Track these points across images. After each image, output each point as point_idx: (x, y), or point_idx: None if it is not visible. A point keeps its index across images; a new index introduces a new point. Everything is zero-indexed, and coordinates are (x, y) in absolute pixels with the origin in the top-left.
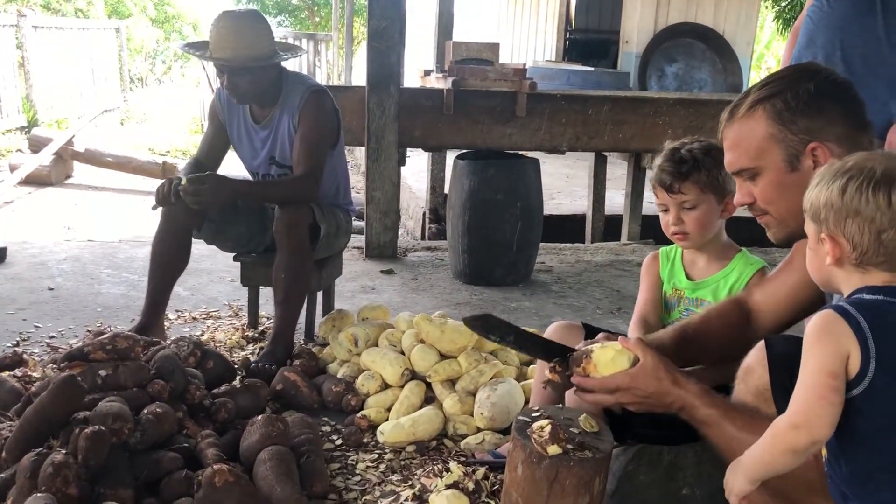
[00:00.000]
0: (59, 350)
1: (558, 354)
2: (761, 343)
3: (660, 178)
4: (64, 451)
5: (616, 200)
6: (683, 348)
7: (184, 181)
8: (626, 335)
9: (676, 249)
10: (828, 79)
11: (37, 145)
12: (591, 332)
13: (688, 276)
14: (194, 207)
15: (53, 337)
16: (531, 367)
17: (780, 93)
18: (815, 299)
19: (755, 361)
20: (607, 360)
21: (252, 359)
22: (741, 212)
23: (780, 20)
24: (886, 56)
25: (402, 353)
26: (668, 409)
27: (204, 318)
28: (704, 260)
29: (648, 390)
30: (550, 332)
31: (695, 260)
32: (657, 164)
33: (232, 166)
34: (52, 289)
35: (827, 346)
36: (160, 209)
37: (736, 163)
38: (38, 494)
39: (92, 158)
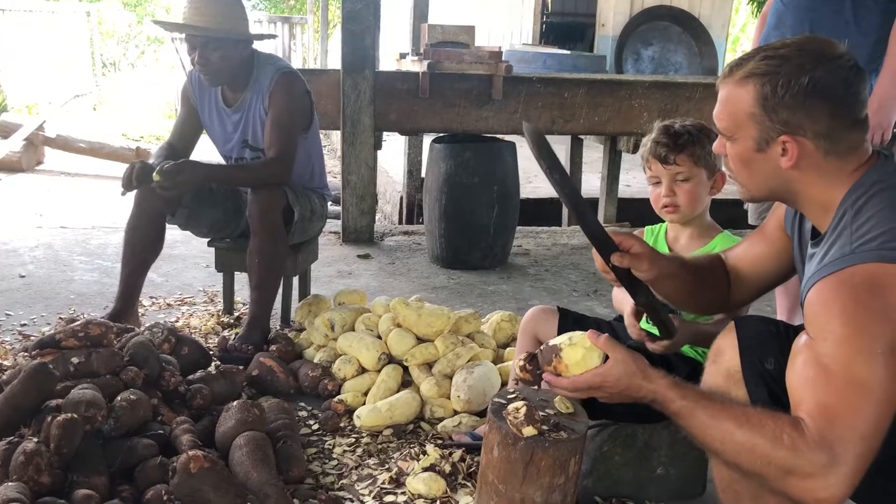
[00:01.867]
0: (31, 338)
1: (585, 219)
2: (731, 324)
3: (655, 151)
4: (36, 440)
5: (592, 183)
6: (690, 267)
7: (156, 177)
8: (596, 328)
9: (661, 227)
10: (831, 71)
11: (6, 131)
12: (565, 317)
13: (671, 252)
14: (167, 195)
15: (25, 325)
16: (508, 349)
17: (774, 75)
18: (782, 271)
19: (725, 343)
20: (577, 358)
21: (229, 341)
22: (723, 194)
23: (755, 3)
24: (855, 39)
25: (379, 337)
26: (641, 401)
27: (179, 305)
28: (687, 237)
29: (620, 387)
30: (528, 319)
31: (678, 237)
32: (650, 138)
33: (205, 150)
34: (23, 276)
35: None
36: (131, 194)
37: (719, 120)
38: (10, 483)
39: (64, 144)
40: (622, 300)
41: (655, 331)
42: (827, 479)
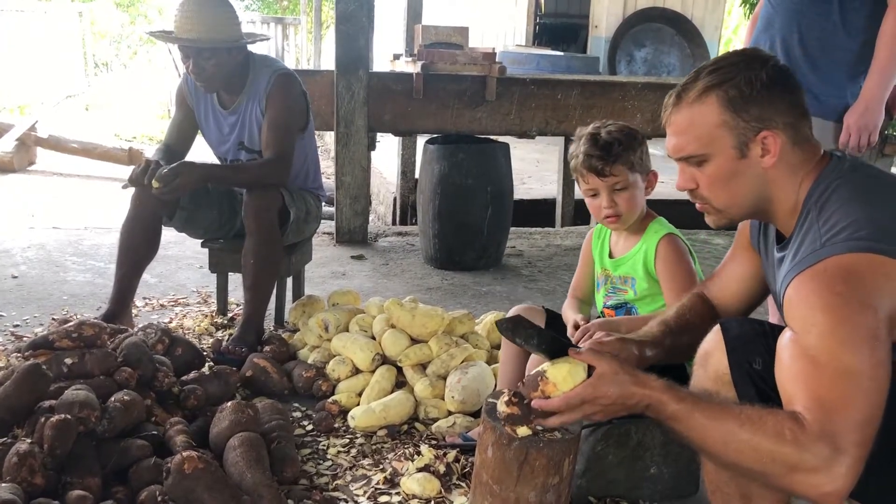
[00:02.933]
0: (24, 338)
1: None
2: (717, 327)
3: (589, 164)
4: (29, 441)
5: None
6: (675, 340)
7: (155, 184)
8: (576, 346)
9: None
10: (776, 66)
11: None
12: (552, 317)
13: (611, 254)
14: (166, 199)
15: (18, 325)
16: (498, 351)
17: (733, 79)
18: (764, 287)
19: (712, 346)
20: (564, 375)
21: (223, 343)
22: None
23: (747, 5)
24: (842, 41)
25: (373, 338)
26: (634, 409)
27: (172, 305)
28: (625, 236)
29: (613, 395)
30: (512, 314)
31: (618, 236)
32: (580, 151)
33: (201, 151)
34: (16, 277)
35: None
36: (123, 192)
37: (683, 149)
38: (3, 484)
39: (56, 145)
40: (568, 316)
41: None
42: (831, 472)
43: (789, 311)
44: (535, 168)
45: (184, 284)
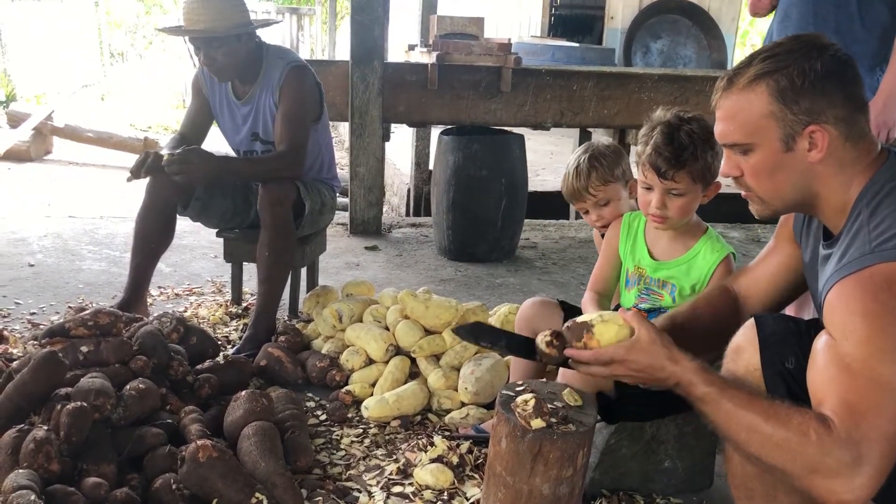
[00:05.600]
0: (41, 326)
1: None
2: (751, 321)
3: (654, 162)
4: (46, 428)
5: None
6: (674, 336)
7: (165, 156)
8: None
9: (640, 220)
10: (835, 56)
11: (15, 120)
12: (567, 310)
13: (651, 254)
14: (178, 180)
15: (34, 313)
16: None
17: (785, 68)
18: (800, 283)
19: (745, 341)
20: (610, 335)
21: (234, 335)
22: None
23: None
24: (859, 33)
25: (387, 328)
26: (664, 383)
27: (187, 295)
28: (668, 237)
29: (643, 364)
30: (525, 309)
31: (657, 239)
32: (654, 141)
33: (216, 141)
34: (32, 265)
35: None
36: (137, 182)
37: (729, 136)
38: (20, 471)
39: (72, 134)
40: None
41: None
42: (851, 480)
43: (829, 314)
44: (549, 160)
45: (198, 274)
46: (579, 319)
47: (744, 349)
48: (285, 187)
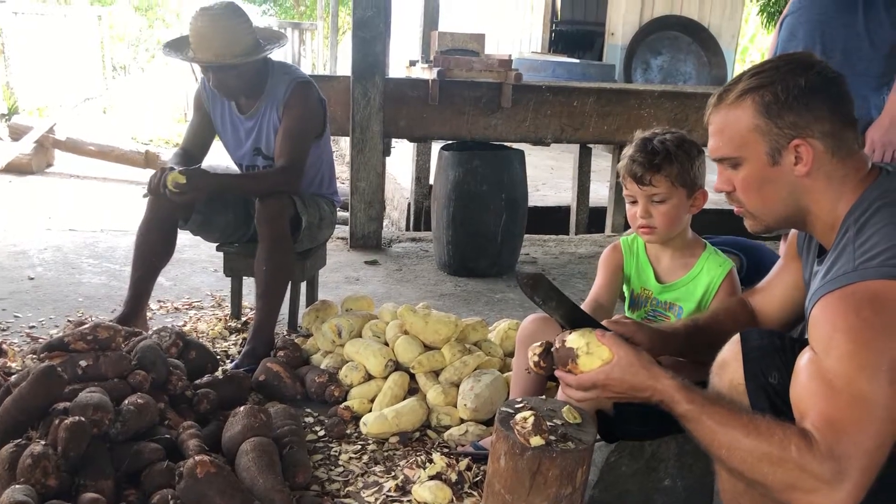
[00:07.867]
0: (39, 340)
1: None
2: (736, 336)
3: (630, 169)
4: (43, 442)
5: (600, 192)
6: (695, 334)
7: (170, 185)
8: (596, 322)
9: (638, 241)
10: (820, 73)
11: (17, 133)
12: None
13: (656, 277)
14: (176, 200)
15: (33, 327)
16: (512, 359)
17: (770, 84)
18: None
19: (730, 356)
20: (594, 367)
21: (234, 350)
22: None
23: (765, 13)
24: (866, 52)
25: (386, 344)
26: (647, 401)
27: (186, 309)
28: (669, 257)
29: (624, 385)
30: (527, 325)
31: (659, 256)
32: (628, 153)
33: (218, 156)
34: (32, 278)
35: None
36: (140, 196)
37: (719, 150)
38: (17, 486)
39: (74, 147)
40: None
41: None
42: (832, 496)
43: (813, 330)
44: (549, 175)
45: (198, 288)
46: (568, 342)
47: (728, 364)
48: (282, 202)
